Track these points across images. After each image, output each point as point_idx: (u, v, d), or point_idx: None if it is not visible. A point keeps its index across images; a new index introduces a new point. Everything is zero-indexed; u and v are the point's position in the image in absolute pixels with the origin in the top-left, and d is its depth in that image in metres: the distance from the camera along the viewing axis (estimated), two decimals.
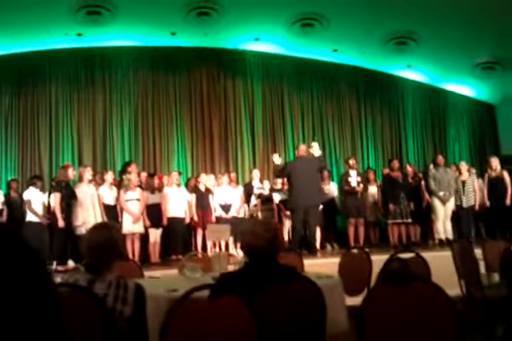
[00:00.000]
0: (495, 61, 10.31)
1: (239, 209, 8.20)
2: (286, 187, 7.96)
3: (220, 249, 7.53)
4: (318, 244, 8.22)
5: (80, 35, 9.24)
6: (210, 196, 7.99)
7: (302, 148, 7.56)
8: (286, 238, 8.05)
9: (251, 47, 10.58)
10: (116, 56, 10.03)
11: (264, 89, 10.96)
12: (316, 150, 7.40)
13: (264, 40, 10.23)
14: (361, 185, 8.44)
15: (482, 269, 4.36)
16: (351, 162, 8.65)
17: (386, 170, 9.10)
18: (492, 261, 4.16)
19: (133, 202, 7.10)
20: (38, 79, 9.71)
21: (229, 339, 2.08)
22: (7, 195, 7.69)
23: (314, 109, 11.21)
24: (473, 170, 8.95)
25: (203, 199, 7.90)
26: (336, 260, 4.41)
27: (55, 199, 6.64)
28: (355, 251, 4.55)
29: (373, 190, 8.84)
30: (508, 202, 8.19)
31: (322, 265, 5.15)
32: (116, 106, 10.08)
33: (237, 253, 7.40)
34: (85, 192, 6.89)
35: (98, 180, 7.63)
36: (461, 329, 2.02)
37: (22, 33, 8.79)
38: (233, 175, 9.10)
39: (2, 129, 9.52)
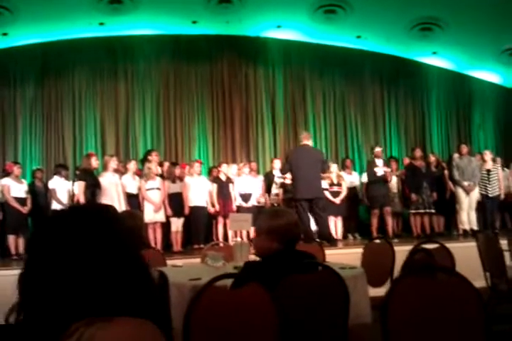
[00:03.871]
0: None
1: (259, 198, 8.21)
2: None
3: (242, 238, 7.56)
4: (340, 234, 8.19)
5: (102, 24, 9.29)
6: (231, 185, 8.01)
7: (305, 135, 7.25)
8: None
9: (273, 34, 10.49)
10: (137, 45, 10.05)
11: (285, 77, 10.87)
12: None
13: (286, 28, 10.12)
14: (389, 173, 8.15)
15: (507, 260, 4.28)
16: (377, 150, 8.40)
17: (407, 160, 8.98)
18: None
19: (153, 191, 7.15)
20: (61, 68, 9.80)
21: (251, 327, 2.09)
22: (32, 184, 7.82)
23: (337, 97, 11.09)
24: (498, 159, 8.77)
25: (224, 188, 7.93)
26: (357, 250, 4.39)
27: (79, 188, 6.72)
28: (378, 241, 4.51)
29: (393, 179, 8.62)
30: None
31: (344, 255, 5.12)
32: (138, 95, 10.14)
33: None
34: (110, 181, 6.96)
35: (121, 169, 7.70)
36: (487, 321, 1.99)
37: (45, 23, 8.86)
38: (253, 164, 9.09)
39: (26, 118, 9.67)
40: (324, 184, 7.99)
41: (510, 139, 11.47)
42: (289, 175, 7.37)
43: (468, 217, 7.91)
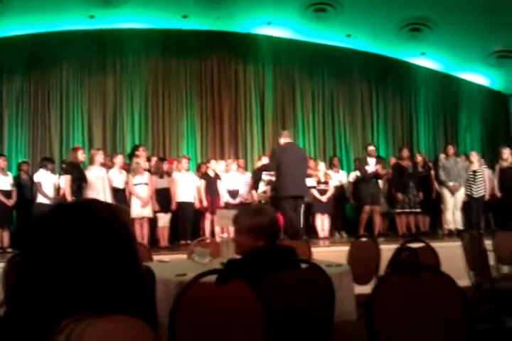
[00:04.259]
0: (510, 50, 10.13)
1: (245, 195, 8.22)
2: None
3: (229, 234, 7.55)
4: (327, 232, 8.22)
5: (92, 17, 9.20)
6: (219, 182, 8.01)
7: (287, 133, 7.00)
8: None
9: (263, 31, 10.48)
10: (127, 38, 9.98)
11: (275, 75, 10.88)
12: None
13: (276, 25, 10.12)
14: (381, 169, 8.16)
15: (491, 260, 4.33)
16: (371, 148, 8.35)
17: (393, 159, 9.03)
18: (502, 253, 4.13)
19: (141, 186, 7.12)
20: (49, 60, 9.70)
21: (237, 324, 2.09)
22: (17, 177, 7.74)
23: (325, 95, 11.12)
24: (483, 161, 8.87)
25: (212, 184, 7.92)
26: (344, 248, 4.41)
27: (65, 182, 6.66)
28: (364, 239, 4.53)
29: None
30: None
31: (331, 253, 5.15)
32: (126, 89, 10.07)
33: None
34: (96, 175, 6.91)
35: (108, 163, 7.64)
36: (471, 320, 2.01)
37: (34, 14, 8.76)
38: (241, 161, 9.09)
39: (13, 111, 9.56)
40: (311, 182, 8.02)
41: (496, 141, 11.58)
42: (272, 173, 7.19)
43: (453, 217, 8.00)
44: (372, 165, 8.14)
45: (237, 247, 2.54)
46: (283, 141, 6.77)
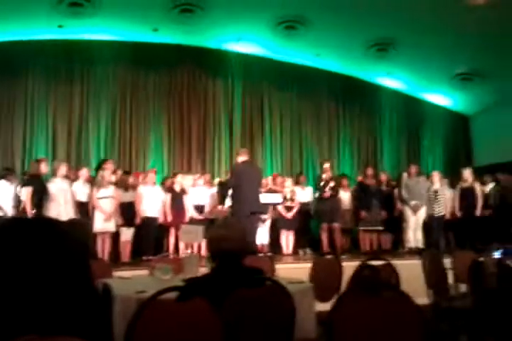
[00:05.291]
0: (473, 72, 10.49)
1: (212, 210, 8.16)
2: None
3: (193, 250, 7.47)
4: (291, 249, 8.24)
5: (60, 26, 9.09)
6: (185, 196, 7.94)
7: (244, 151, 7.15)
8: (259, 242, 8.01)
9: (233, 47, 10.57)
10: (96, 50, 9.89)
11: (244, 90, 10.96)
12: None
13: (247, 41, 10.22)
14: (329, 191, 8.19)
15: (450, 279, 4.42)
16: (325, 166, 8.44)
17: (360, 177, 9.17)
18: (460, 272, 4.22)
19: (105, 200, 7.00)
20: (15, 69, 9.50)
21: None
22: None
23: (293, 113, 11.26)
24: (446, 180, 9.09)
25: (177, 199, 7.84)
26: (308, 265, 4.42)
27: (26, 194, 6.49)
28: (326, 257, 4.56)
29: (345, 196, 8.74)
30: (478, 212, 8.34)
31: (294, 270, 5.15)
32: (93, 101, 9.95)
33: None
34: (59, 187, 6.76)
35: (72, 176, 7.50)
36: (428, 338, 2.04)
37: (1, 22, 8.59)
38: (207, 175, 9.06)
39: None
40: (277, 198, 8.05)
41: (457, 161, 11.92)
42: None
43: (414, 236, 8.14)
44: (324, 182, 8.21)
45: None
46: (240, 159, 6.93)
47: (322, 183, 8.22)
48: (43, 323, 0.81)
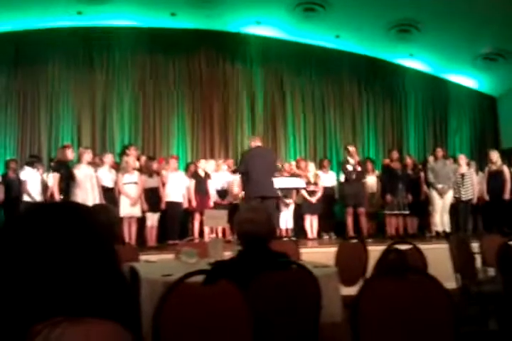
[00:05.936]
0: (498, 52, 10.20)
1: (236, 195, 8.20)
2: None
3: (217, 234, 7.53)
4: (315, 233, 8.23)
5: (79, 13, 9.12)
6: (209, 181, 7.98)
7: (257, 138, 7.33)
8: (283, 226, 8.03)
9: (252, 30, 10.46)
10: (115, 36, 9.92)
11: (265, 74, 10.87)
12: None
13: (265, 24, 10.11)
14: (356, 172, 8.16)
15: (478, 263, 4.35)
16: (351, 149, 8.35)
17: (386, 161, 9.06)
18: (488, 256, 4.15)
19: (130, 185, 7.08)
20: (36, 57, 9.60)
21: (223, 324, 2.08)
22: (5, 175, 7.65)
23: (315, 96, 11.13)
24: (473, 164, 8.92)
25: (201, 184, 7.89)
26: (333, 249, 4.41)
27: (53, 180, 6.60)
28: (352, 241, 4.54)
29: (371, 180, 8.71)
30: (506, 196, 8.17)
31: (319, 254, 5.15)
32: (115, 87, 10.02)
33: (235, 239, 7.40)
34: (85, 173, 6.85)
35: (97, 162, 7.59)
36: (457, 322, 2.01)
37: (20, 10, 8.66)
38: (231, 161, 9.07)
39: (1, 108, 9.45)
40: (302, 182, 8.02)
41: (485, 144, 11.67)
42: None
43: (441, 219, 8.04)
44: (351, 166, 8.15)
45: None
46: (253, 144, 7.02)
47: (349, 167, 8.15)
48: (70, 306, 0.81)
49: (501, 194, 8.15)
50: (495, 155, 8.33)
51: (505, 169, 8.29)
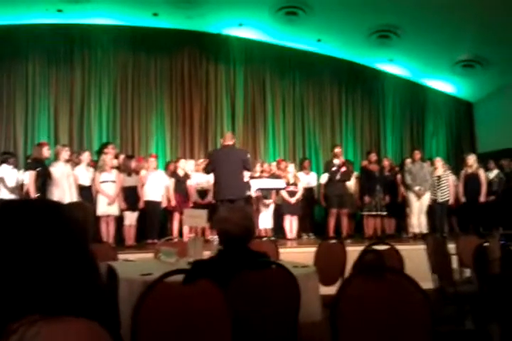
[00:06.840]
0: (476, 59, 10.40)
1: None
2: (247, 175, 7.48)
3: (197, 234, 7.50)
4: (295, 233, 8.25)
5: (60, 10, 8.99)
6: (188, 181, 7.95)
7: (228, 135, 7.06)
8: (262, 227, 8.04)
9: (234, 32, 10.46)
10: (96, 34, 9.79)
11: (246, 76, 10.87)
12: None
13: (248, 26, 10.11)
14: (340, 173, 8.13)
15: (454, 264, 4.43)
16: (336, 150, 8.31)
17: (364, 163, 9.15)
18: (465, 257, 4.23)
19: (108, 184, 7.00)
20: (14, 54, 9.42)
21: (202, 324, 2.07)
22: None
23: (296, 98, 11.18)
24: (448, 166, 9.08)
25: (181, 184, 7.85)
26: (312, 250, 4.43)
27: (29, 178, 6.49)
28: (331, 241, 4.57)
29: (350, 181, 8.75)
30: (482, 198, 8.34)
31: (298, 254, 5.17)
32: (94, 85, 9.89)
33: (214, 239, 7.37)
34: (62, 171, 6.76)
35: (74, 160, 7.49)
36: (433, 322, 2.04)
37: (0, 7, 8.50)
38: None
39: None
40: (282, 183, 8.03)
41: (461, 148, 11.89)
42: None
43: (418, 221, 8.15)
44: (336, 167, 8.15)
45: None
46: (222, 143, 6.92)
47: (334, 168, 8.16)
48: (46, 304, 0.80)
49: (477, 196, 8.32)
50: (471, 159, 8.49)
51: (481, 172, 8.47)
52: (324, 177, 8.47)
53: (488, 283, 3.29)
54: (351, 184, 8.78)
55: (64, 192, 6.64)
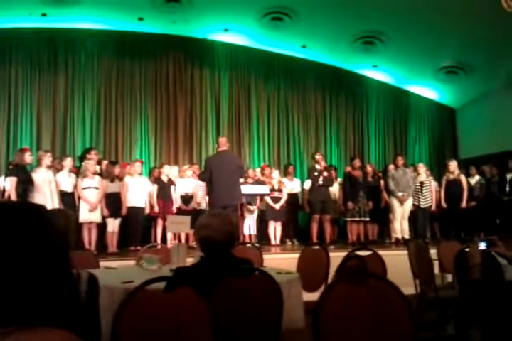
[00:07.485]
0: (459, 66, 10.55)
1: (200, 201, 8.15)
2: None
3: (180, 240, 7.46)
4: (279, 239, 8.25)
5: (44, 15, 8.93)
6: (172, 187, 7.91)
7: (222, 141, 7.04)
8: (247, 233, 8.03)
9: (220, 37, 10.48)
10: (80, 39, 9.74)
11: (231, 81, 10.89)
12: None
13: (233, 31, 10.14)
14: (322, 179, 8.15)
15: (436, 269, 4.46)
16: (317, 157, 8.36)
17: (348, 168, 9.20)
18: (446, 262, 4.26)
19: (90, 190, 6.93)
20: None
21: (184, 332, 2.05)
22: None
23: (280, 103, 11.23)
24: (430, 172, 9.17)
25: (164, 190, 7.81)
26: (295, 256, 4.43)
27: (10, 184, 6.40)
28: (314, 247, 4.57)
29: (333, 187, 8.77)
30: (464, 204, 8.44)
31: (281, 260, 5.16)
32: (78, 90, 9.81)
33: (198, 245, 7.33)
34: (43, 177, 6.67)
35: (56, 166, 7.41)
36: (415, 328, 2.05)
37: None
38: (196, 166, 9.01)
39: None
40: (266, 189, 8.03)
41: (443, 154, 12.04)
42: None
43: (400, 226, 8.21)
44: (319, 173, 8.19)
45: None
46: (219, 148, 6.91)
47: (316, 174, 8.18)
48: (22, 314, 0.78)
49: (458, 202, 8.41)
50: (453, 165, 8.59)
51: (463, 178, 8.57)
52: (308, 183, 8.50)
53: (469, 288, 3.32)
54: (335, 190, 8.82)
55: (46, 198, 6.55)
